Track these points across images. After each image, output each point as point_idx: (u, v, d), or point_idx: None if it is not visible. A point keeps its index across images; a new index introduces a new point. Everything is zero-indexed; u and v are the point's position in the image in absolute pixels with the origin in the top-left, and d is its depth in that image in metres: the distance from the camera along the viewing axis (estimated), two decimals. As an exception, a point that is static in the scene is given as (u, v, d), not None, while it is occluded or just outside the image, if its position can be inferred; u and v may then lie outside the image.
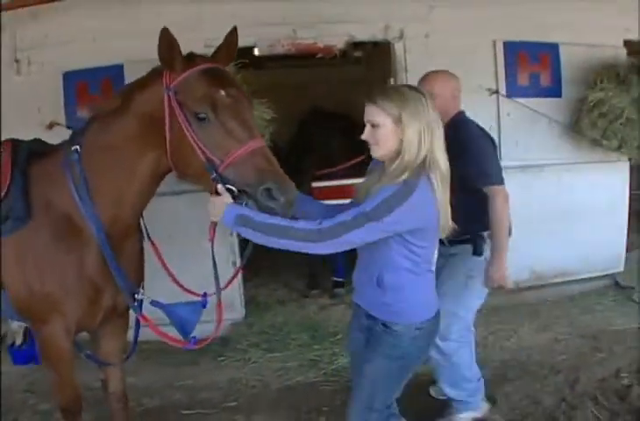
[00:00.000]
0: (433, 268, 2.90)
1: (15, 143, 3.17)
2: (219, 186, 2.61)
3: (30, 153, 3.08)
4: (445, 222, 2.73)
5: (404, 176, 2.59)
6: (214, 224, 2.82)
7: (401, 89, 2.72)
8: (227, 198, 2.60)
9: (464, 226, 2.93)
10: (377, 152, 2.73)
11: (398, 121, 2.62)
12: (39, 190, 2.96)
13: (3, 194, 2.95)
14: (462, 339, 3.97)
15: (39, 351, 3.14)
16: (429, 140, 2.63)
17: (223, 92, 2.65)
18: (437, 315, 2.89)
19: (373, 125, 2.69)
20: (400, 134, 2.63)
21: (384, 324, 2.81)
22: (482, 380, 4.16)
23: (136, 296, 3.09)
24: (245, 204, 2.60)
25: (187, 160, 2.69)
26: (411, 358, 2.87)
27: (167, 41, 2.60)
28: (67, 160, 2.92)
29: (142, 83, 2.82)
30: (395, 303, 2.79)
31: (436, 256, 2.93)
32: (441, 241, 3.00)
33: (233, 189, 2.59)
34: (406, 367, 2.90)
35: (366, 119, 2.70)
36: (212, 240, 2.89)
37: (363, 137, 2.74)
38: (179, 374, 5.01)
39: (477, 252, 3.80)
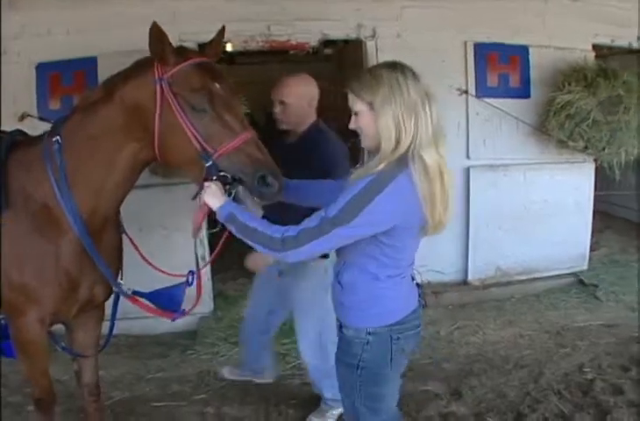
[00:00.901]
0: (406, 273, 2.67)
1: None
2: (211, 175, 2.64)
3: (12, 144, 3.05)
4: (436, 219, 2.44)
5: (379, 168, 2.37)
6: (204, 213, 2.71)
7: (378, 70, 2.48)
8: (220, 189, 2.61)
9: None
10: (363, 141, 2.54)
11: (373, 107, 2.41)
12: (18, 180, 2.93)
13: None
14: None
15: (14, 342, 3.11)
16: (412, 126, 2.36)
17: (217, 85, 2.70)
18: (406, 321, 2.63)
19: (355, 114, 2.51)
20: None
21: (340, 327, 2.71)
22: None
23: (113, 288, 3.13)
24: (235, 193, 2.65)
25: (179, 150, 2.71)
26: (371, 366, 2.61)
27: (156, 35, 2.60)
28: (48, 150, 2.90)
29: (129, 74, 2.81)
30: (349, 304, 2.65)
31: (411, 260, 2.68)
32: None
33: (228, 175, 2.63)
34: (371, 375, 2.63)
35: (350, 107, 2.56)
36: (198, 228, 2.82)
37: (350, 126, 2.56)
38: (148, 368, 5.01)
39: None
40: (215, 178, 2.63)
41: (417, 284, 2.81)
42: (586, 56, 6.14)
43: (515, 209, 6.27)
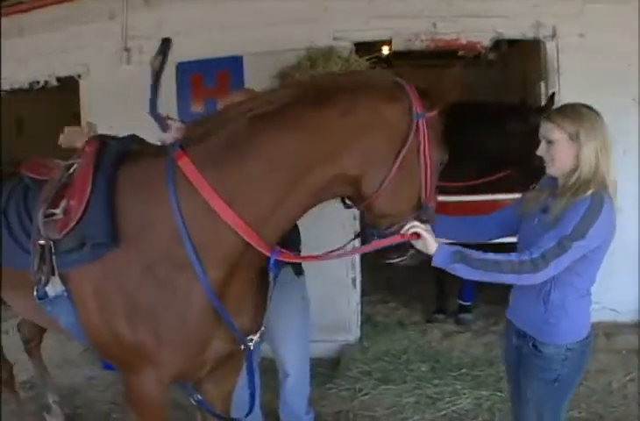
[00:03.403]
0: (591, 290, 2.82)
1: (103, 141, 2.61)
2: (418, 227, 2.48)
3: (122, 155, 2.53)
4: None
5: (590, 191, 2.56)
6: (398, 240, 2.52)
7: (578, 107, 2.70)
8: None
9: None
10: (551, 168, 2.72)
11: (575, 138, 2.60)
12: (131, 205, 2.40)
13: (81, 210, 2.39)
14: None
15: (125, 395, 2.64)
16: (605, 161, 2.61)
17: None
18: (590, 335, 2.82)
19: (549, 142, 2.68)
20: (576, 151, 2.61)
21: (534, 346, 2.79)
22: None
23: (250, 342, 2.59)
24: None
25: (407, 195, 2.43)
26: (567, 379, 2.79)
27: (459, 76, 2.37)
28: (174, 169, 2.35)
29: (372, 89, 2.36)
30: (556, 321, 2.73)
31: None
32: None
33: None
34: (565, 387, 2.82)
35: (541, 136, 2.71)
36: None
37: (538, 153, 2.73)
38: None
39: (298, 271, 3.61)
40: None
41: None
42: None
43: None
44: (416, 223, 2.46)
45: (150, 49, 5.09)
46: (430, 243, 2.50)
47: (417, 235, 2.49)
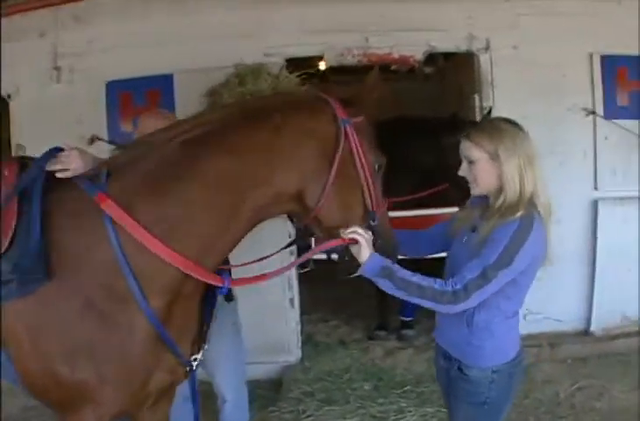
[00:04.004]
0: (520, 311, 2.79)
1: (24, 165, 2.40)
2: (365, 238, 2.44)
3: (47, 180, 2.33)
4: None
5: (518, 214, 2.50)
6: (337, 243, 2.49)
7: (497, 123, 2.69)
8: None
9: None
10: (475, 188, 2.68)
11: (495, 157, 2.56)
12: (64, 236, 2.23)
13: (6, 242, 2.20)
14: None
15: None
16: (532, 175, 2.56)
17: None
18: (519, 356, 2.75)
19: (470, 162, 2.63)
20: (498, 170, 2.56)
21: (459, 369, 2.72)
22: None
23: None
24: None
25: (350, 206, 2.46)
26: (496, 401, 2.71)
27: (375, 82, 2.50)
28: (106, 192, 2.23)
29: (290, 101, 2.47)
30: (481, 343, 2.66)
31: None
32: None
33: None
34: (495, 409, 2.75)
35: (462, 155, 2.66)
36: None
37: (460, 173, 2.68)
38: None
39: (228, 298, 3.45)
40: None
41: None
42: None
43: (646, 247, 5.51)
44: (358, 228, 2.42)
45: (81, 67, 5.05)
46: (363, 250, 2.43)
47: (356, 240, 2.44)
